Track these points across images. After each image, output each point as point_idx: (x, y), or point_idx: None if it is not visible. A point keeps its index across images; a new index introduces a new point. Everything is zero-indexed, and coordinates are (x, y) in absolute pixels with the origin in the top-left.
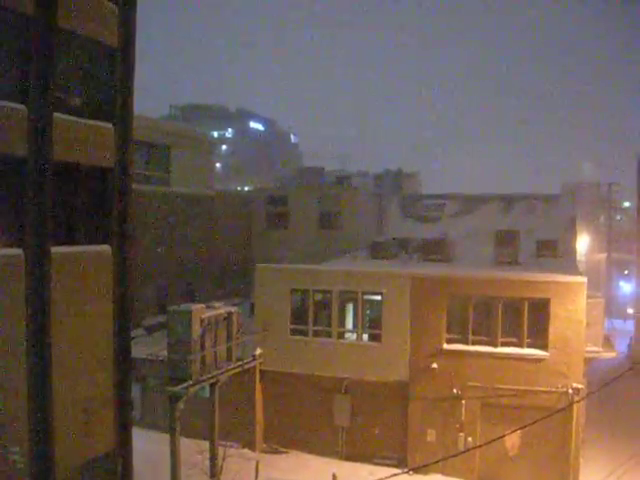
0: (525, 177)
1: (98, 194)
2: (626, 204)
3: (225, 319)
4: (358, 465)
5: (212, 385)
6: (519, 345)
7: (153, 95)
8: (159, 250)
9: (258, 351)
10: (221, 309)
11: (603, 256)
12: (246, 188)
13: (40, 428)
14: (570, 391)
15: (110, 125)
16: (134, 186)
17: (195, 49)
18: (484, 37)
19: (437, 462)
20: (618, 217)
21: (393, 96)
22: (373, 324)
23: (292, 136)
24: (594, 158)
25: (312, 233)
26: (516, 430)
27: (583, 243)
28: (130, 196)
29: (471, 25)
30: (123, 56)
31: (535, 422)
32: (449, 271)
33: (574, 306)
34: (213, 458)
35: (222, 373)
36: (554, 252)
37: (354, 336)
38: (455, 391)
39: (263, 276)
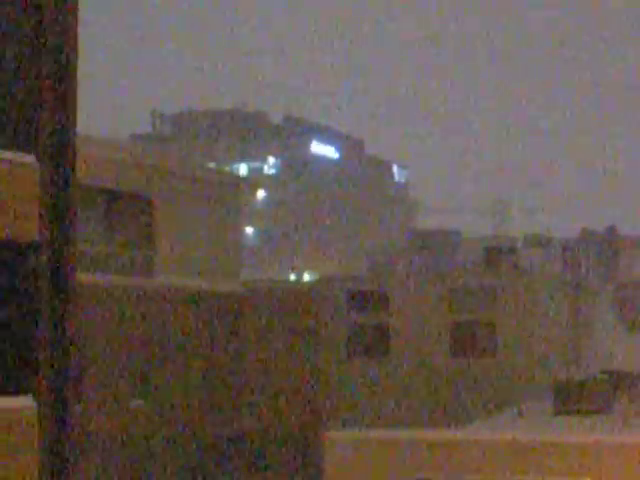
0: None
1: (14, 297)
2: None
3: None
4: None
5: None
6: None
7: (130, 103)
8: (132, 404)
9: None
10: None
11: None
12: (306, 275)
13: None
14: None
15: (32, 158)
16: (82, 277)
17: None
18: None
19: None
20: None
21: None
22: None
23: (395, 169)
24: None
25: (439, 362)
26: None
27: None
28: (72, 298)
29: None
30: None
31: None
32: None
33: None
34: None
35: None
36: None
37: None
38: None
39: (341, 452)
